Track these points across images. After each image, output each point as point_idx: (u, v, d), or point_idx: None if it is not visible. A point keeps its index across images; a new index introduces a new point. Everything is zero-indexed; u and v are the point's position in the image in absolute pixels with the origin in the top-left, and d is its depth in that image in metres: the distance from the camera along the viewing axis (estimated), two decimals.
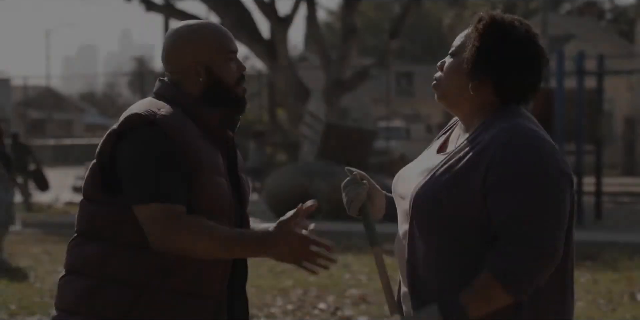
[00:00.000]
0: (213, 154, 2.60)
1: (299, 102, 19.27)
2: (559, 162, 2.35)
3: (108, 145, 2.56)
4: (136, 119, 2.53)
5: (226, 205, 2.59)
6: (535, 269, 2.30)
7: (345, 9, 20.85)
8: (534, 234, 2.29)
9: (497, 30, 2.41)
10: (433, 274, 2.40)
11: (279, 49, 19.80)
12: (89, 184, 2.60)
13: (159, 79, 2.71)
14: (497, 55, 2.39)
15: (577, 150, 12.97)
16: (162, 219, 2.46)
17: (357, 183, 2.61)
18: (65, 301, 2.61)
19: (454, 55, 2.48)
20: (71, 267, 2.63)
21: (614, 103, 31.83)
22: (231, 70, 2.67)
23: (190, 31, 2.67)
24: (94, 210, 2.58)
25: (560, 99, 12.83)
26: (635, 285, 8.01)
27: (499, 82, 2.41)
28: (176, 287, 2.54)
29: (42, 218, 15.52)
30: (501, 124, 2.38)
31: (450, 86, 2.47)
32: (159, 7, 20.88)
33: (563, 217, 2.34)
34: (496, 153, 2.33)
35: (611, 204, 16.86)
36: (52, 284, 8.50)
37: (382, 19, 52.27)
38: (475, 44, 2.41)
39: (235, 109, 2.68)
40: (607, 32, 40.96)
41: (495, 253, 2.32)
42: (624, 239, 11.35)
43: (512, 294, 2.31)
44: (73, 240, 2.65)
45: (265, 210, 14.91)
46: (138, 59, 66.33)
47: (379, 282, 2.69)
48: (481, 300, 2.33)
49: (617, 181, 22.49)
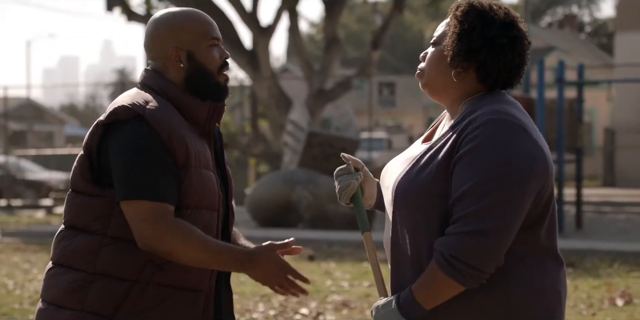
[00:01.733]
0: (201, 147, 2.58)
1: (281, 112, 19.28)
2: (529, 149, 2.28)
3: (95, 137, 2.53)
4: (123, 111, 2.50)
5: (214, 199, 2.58)
6: (477, 256, 2.23)
7: (327, 19, 20.90)
8: (479, 213, 2.22)
9: (475, 15, 2.38)
10: (411, 263, 2.38)
11: (261, 59, 19.82)
12: (77, 176, 2.57)
13: (144, 68, 2.67)
14: (477, 41, 2.35)
15: (558, 159, 13.04)
16: (152, 218, 2.44)
17: (349, 172, 2.61)
18: (53, 294, 2.57)
19: (436, 45, 2.46)
20: (59, 260, 2.58)
21: (594, 114, 32.04)
22: (213, 57, 2.63)
23: (172, 17, 2.64)
24: (83, 203, 2.55)
25: (540, 109, 12.92)
26: (615, 291, 8.04)
27: (481, 68, 2.37)
28: (166, 281, 2.52)
29: (22, 227, 15.43)
30: (483, 109, 2.34)
31: (434, 75, 2.43)
32: (140, 17, 20.84)
33: (517, 201, 2.25)
34: (469, 133, 2.30)
35: (592, 214, 16.95)
36: (32, 292, 8.45)
37: (364, 31, 52.42)
38: (455, 31, 2.38)
39: (217, 97, 2.64)
40: (587, 45, 41.27)
41: (441, 239, 2.27)
42: (604, 247, 11.40)
43: (459, 283, 2.26)
44: (61, 232, 2.61)
45: (248, 219, 14.89)
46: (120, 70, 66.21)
47: (360, 288, 2.72)
48: (431, 290, 2.29)
49: (598, 192, 22.60)
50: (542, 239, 2.36)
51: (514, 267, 2.32)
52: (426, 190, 2.33)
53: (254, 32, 20.06)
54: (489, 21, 2.37)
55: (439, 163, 2.33)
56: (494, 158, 2.25)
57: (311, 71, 20.59)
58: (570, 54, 32.84)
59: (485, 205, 2.23)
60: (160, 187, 2.46)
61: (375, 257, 2.51)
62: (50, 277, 2.60)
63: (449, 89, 2.43)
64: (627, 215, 17.27)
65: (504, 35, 2.36)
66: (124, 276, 2.51)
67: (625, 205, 19.47)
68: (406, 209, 2.37)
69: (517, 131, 2.29)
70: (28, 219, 17.43)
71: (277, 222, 14.16)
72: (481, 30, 2.36)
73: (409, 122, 41.38)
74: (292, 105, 18.71)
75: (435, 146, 2.39)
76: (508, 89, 2.43)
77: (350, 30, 53.49)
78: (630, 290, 8.03)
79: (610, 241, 12.25)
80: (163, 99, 2.57)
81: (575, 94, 14.19)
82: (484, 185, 2.24)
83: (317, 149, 14.53)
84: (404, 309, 2.31)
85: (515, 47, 2.38)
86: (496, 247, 2.24)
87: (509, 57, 2.37)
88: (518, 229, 2.28)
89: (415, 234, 2.37)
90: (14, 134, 43.79)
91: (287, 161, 15.94)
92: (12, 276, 9.56)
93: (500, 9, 2.40)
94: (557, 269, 2.39)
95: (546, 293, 2.35)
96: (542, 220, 2.35)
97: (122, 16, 21.19)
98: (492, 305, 2.31)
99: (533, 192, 2.29)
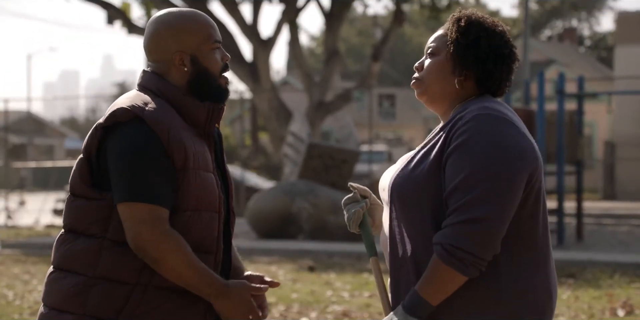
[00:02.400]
0: (201, 149, 2.57)
1: (281, 124, 19.31)
2: (516, 140, 2.38)
3: (94, 140, 2.53)
4: (122, 113, 2.49)
5: (215, 201, 2.58)
6: (474, 243, 2.29)
7: (327, 31, 20.96)
8: (472, 203, 2.30)
9: (479, 27, 2.50)
10: (407, 258, 2.43)
11: (261, 71, 19.86)
12: (76, 179, 2.56)
13: (143, 70, 2.66)
14: (484, 51, 2.47)
15: (558, 171, 13.03)
16: (150, 222, 2.44)
17: (355, 201, 2.68)
18: (55, 298, 2.56)
19: (433, 55, 2.55)
20: (60, 264, 2.57)
21: (594, 128, 32.06)
22: (216, 60, 2.63)
23: (174, 19, 2.62)
24: (82, 207, 2.54)
25: (541, 121, 12.93)
26: (616, 302, 8.02)
27: (483, 76, 2.49)
28: (166, 284, 2.52)
29: (22, 239, 15.41)
30: (471, 107, 2.44)
31: (435, 84, 2.53)
32: (141, 30, 20.89)
33: (508, 189, 2.32)
34: (458, 128, 2.39)
35: (592, 226, 16.92)
36: (32, 302, 8.44)
37: (365, 44, 52.54)
38: (461, 42, 2.49)
39: (218, 100, 2.64)
40: (587, 58, 41.35)
41: (438, 233, 2.34)
42: (604, 258, 11.38)
43: (461, 273, 2.31)
44: (61, 236, 2.60)
45: (248, 230, 14.87)
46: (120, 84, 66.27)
47: (361, 298, 2.73)
48: (436, 285, 2.34)
49: (598, 205, 22.57)
50: (535, 232, 2.42)
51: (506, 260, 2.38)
52: (420, 187, 2.40)
53: (254, 45, 20.11)
54: (492, 33, 2.51)
55: (431, 159, 2.42)
56: (483, 150, 2.34)
57: (311, 83, 20.63)
58: (570, 67, 32.90)
59: (477, 195, 2.31)
60: (157, 190, 2.46)
61: (382, 281, 2.58)
62: (52, 282, 2.59)
63: (446, 97, 2.53)
64: (628, 227, 17.25)
65: (506, 46, 2.51)
66: (125, 279, 2.50)
67: (626, 218, 19.44)
68: (401, 205, 2.44)
69: (504, 124, 2.39)
70: (28, 231, 17.42)
71: (278, 233, 14.14)
72: (487, 41, 2.49)
73: (409, 134, 41.42)
74: (292, 117, 18.74)
75: (427, 145, 2.48)
76: (499, 95, 2.55)
77: (350, 43, 53.62)
78: (631, 301, 8.01)
79: (610, 253, 12.23)
80: (162, 101, 2.56)
81: (575, 106, 14.20)
82: (475, 176, 2.32)
83: (317, 160, 14.53)
84: (411, 309, 2.35)
85: (513, 57, 2.53)
86: (491, 234, 2.31)
87: (509, 66, 2.52)
88: (511, 217, 2.35)
89: (411, 230, 2.43)
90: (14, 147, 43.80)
91: (287, 172, 15.94)
92: (12, 287, 9.54)
93: (495, 22, 2.55)
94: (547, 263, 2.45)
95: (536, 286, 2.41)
96: (535, 212, 2.41)
97: (122, 29, 21.26)
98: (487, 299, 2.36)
99: (523, 180, 2.36)
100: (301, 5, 20.66)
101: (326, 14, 20.69)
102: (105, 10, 21.21)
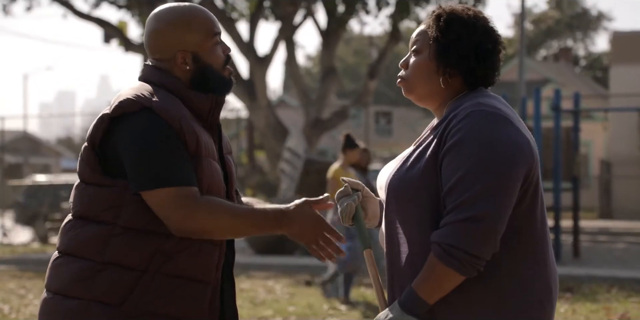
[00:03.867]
0: (207, 138, 2.58)
1: (278, 142, 19.32)
2: (512, 136, 2.33)
3: (99, 131, 2.51)
4: (130, 104, 2.48)
5: (221, 188, 2.59)
6: (473, 242, 2.26)
7: (324, 49, 21.02)
8: (470, 201, 2.27)
9: (459, 24, 2.45)
10: (405, 256, 2.41)
11: (258, 89, 19.90)
12: (85, 167, 2.54)
13: (144, 64, 2.66)
14: (465, 49, 2.42)
15: (555, 188, 13.03)
16: (182, 202, 2.43)
17: (347, 194, 2.67)
18: (60, 283, 2.53)
19: (417, 53, 2.51)
20: (67, 249, 2.55)
21: (590, 147, 32.11)
22: (218, 55, 2.64)
23: (174, 17, 2.61)
24: (93, 193, 2.52)
25: (537, 138, 12.95)
26: (613, 315, 8.01)
27: (469, 73, 2.44)
28: (174, 271, 2.50)
29: (17, 255, 15.37)
30: (465, 104, 2.41)
31: (419, 83, 2.49)
32: (138, 48, 20.95)
33: (506, 186, 2.29)
34: (453, 126, 2.36)
35: (589, 243, 16.91)
36: (27, 315, 8.40)
37: (360, 64, 52.67)
38: (441, 42, 2.44)
39: (222, 92, 2.65)
40: (582, 78, 41.48)
41: (436, 232, 2.31)
42: (602, 273, 11.37)
43: (459, 273, 2.29)
44: (69, 222, 2.58)
45: (245, 247, 14.84)
46: None
47: (358, 311, 2.68)
48: (432, 283, 2.31)
49: (595, 224, 22.55)
50: (533, 227, 2.39)
51: (505, 256, 2.35)
52: (417, 185, 2.38)
53: (250, 62, 20.16)
54: (472, 29, 2.45)
55: (427, 158, 2.39)
56: (479, 147, 2.30)
57: (308, 100, 20.67)
58: (565, 86, 32.98)
59: (474, 193, 2.27)
60: (181, 173, 2.45)
61: (375, 272, 2.56)
62: (57, 267, 2.56)
63: (434, 95, 2.50)
64: (624, 244, 17.23)
65: (488, 41, 2.45)
66: (133, 266, 2.48)
67: (622, 235, 19.43)
68: (398, 204, 2.42)
69: (499, 120, 2.35)
70: (23, 248, 17.37)
71: (274, 249, 14.11)
72: (468, 39, 2.43)
73: None
74: (288, 134, 18.76)
75: (423, 143, 2.45)
76: (490, 85, 2.50)
77: (346, 63, 53.75)
78: (629, 315, 8.00)
79: (607, 268, 12.22)
80: (166, 92, 2.57)
81: (571, 124, 14.23)
82: (471, 174, 2.29)
83: (314, 176, 14.52)
84: (407, 307, 2.33)
85: (497, 49, 2.47)
86: (490, 233, 2.28)
87: (494, 59, 2.47)
88: (509, 214, 2.32)
89: (408, 228, 2.41)
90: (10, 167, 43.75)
91: (284, 188, 15.92)
92: (8, 301, 9.51)
93: (476, 15, 2.48)
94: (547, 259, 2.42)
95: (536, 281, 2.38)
96: (533, 206, 2.39)
97: (119, 48, 21.32)
98: (487, 296, 2.34)
99: (520, 176, 2.33)
100: (298, 23, 20.74)
101: (323, 31, 20.76)
102: (102, 28, 21.29)
